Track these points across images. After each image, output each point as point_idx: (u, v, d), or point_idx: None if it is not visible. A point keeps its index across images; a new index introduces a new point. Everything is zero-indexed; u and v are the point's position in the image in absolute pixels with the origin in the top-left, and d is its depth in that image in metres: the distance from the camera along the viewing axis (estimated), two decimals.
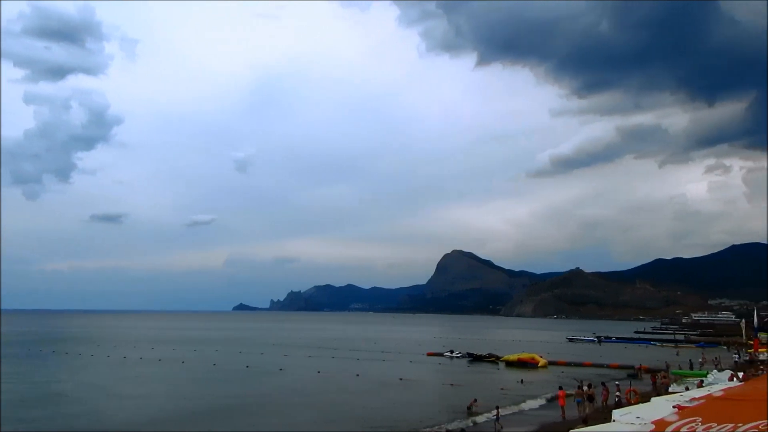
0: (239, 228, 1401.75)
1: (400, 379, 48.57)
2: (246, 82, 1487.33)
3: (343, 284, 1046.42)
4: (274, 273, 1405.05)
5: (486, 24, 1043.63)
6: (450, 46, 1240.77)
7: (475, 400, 33.29)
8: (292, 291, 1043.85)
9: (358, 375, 50.71)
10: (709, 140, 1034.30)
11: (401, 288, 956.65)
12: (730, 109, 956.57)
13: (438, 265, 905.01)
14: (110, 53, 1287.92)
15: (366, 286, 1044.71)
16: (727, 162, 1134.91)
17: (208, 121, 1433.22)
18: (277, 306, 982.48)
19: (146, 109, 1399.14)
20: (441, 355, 74.54)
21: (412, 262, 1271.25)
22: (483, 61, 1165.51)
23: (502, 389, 42.56)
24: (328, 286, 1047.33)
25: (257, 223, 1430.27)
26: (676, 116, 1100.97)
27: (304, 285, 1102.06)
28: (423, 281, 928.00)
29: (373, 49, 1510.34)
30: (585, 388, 33.52)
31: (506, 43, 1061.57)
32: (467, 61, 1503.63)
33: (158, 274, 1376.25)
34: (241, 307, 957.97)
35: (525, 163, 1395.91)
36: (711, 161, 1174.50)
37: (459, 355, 73.17)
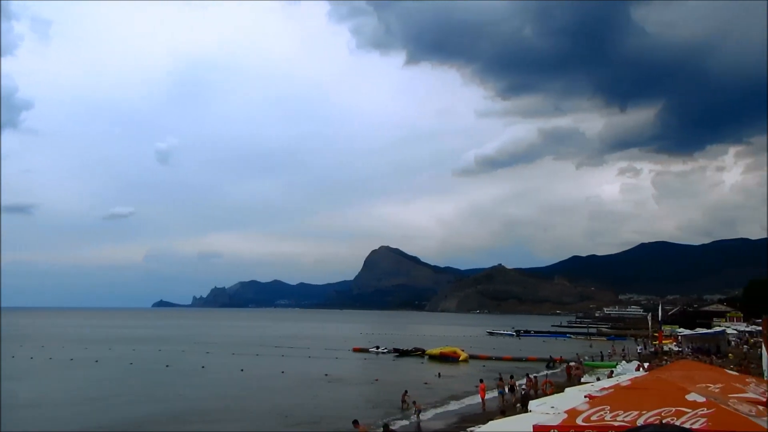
0: (160, 221, 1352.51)
1: (326, 375, 48.39)
2: (170, 70, 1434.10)
3: (269, 280, 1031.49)
4: (196, 268, 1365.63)
5: (415, 23, 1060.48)
6: (380, 44, 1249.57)
7: (406, 392, 33.61)
8: (215, 287, 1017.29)
9: (283, 372, 50.06)
10: (621, 144, 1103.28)
11: (328, 284, 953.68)
12: (641, 116, 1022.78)
13: (365, 261, 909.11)
14: (20, 33, 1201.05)
15: (293, 282, 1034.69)
16: (637, 165, 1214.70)
17: (128, 109, 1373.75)
18: (199, 302, 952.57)
19: (60, 95, 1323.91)
20: (367, 350, 74.93)
21: (340, 258, 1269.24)
22: (412, 60, 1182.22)
23: (426, 383, 43.29)
24: (253, 282, 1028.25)
25: (180, 216, 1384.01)
26: (592, 121, 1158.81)
27: (228, 281, 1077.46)
28: (350, 277, 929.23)
29: (303, 44, 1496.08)
30: (508, 381, 34.66)
31: (434, 43, 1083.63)
32: (397, 59, 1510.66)
33: (72, 269, 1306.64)
34: (162, 304, 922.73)
35: (451, 162, 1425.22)
36: (623, 164, 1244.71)
37: (385, 350, 73.76)
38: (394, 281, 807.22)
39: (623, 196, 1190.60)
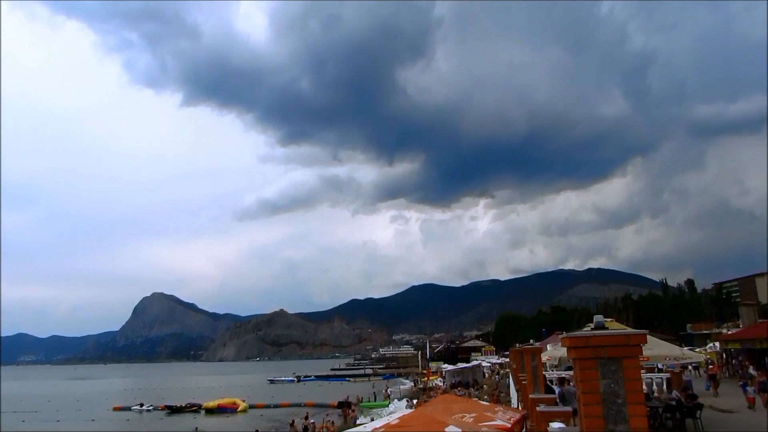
0: None
1: None
2: None
3: (11, 333, 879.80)
4: None
5: (192, 65, 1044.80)
6: (154, 82, 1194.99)
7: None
8: None
9: None
10: (391, 193, 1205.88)
11: (88, 335, 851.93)
12: (406, 169, 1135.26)
13: (135, 308, 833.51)
14: None
15: (42, 334, 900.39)
16: (406, 213, 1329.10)
17: None
18: None
19: None
20: (129, 409, 67.19)
21: (103, 306, 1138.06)
22: (189, 101, 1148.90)
23: None
24: None
25: None
26: (366, 171, 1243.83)
27: None
28: (116, 327, 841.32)
29: (66, 71, 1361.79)
30: (302, 421, 33.85)
31: (212, 87, 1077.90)
32: (173, 98, 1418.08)
33: None
34: None
35: (232, 204, 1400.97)
36: (395, 212, 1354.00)
37: (151, 407, 66.76)
38: (167, 330, 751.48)
39: (395, 240, 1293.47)
